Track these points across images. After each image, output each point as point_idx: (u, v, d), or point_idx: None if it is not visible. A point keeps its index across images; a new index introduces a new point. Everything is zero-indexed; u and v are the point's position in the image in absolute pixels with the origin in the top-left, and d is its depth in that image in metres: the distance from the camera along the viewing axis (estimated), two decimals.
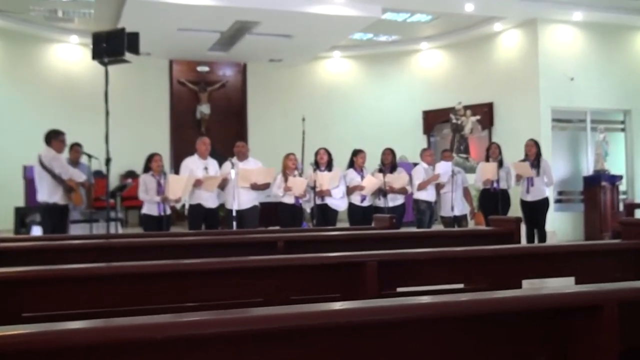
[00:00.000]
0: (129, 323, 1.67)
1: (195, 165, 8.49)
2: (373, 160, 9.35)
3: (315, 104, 15.76)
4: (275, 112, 15.80)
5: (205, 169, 8.50)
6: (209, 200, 8.41)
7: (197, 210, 8.38)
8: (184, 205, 8.84)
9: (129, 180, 10.75)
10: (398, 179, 8.95)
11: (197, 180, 8.25)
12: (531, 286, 3.76)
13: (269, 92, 15.95)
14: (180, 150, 14.11)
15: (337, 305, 1.85)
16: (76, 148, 8.94)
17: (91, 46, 7.90)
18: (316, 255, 3.36)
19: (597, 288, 2.12)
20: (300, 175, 9.01)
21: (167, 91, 15.56)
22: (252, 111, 15.98)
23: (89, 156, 8.49)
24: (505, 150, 9.97)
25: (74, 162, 8.78)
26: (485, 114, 14.45)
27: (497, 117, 14.35)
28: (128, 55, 7.86)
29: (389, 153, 9.09)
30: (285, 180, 8.64)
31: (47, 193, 7.89)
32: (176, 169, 10.99)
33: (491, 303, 2.01)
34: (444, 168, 9.06)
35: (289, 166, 8.75)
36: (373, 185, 8.81)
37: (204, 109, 15.72)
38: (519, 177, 9.07)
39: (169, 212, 8.16)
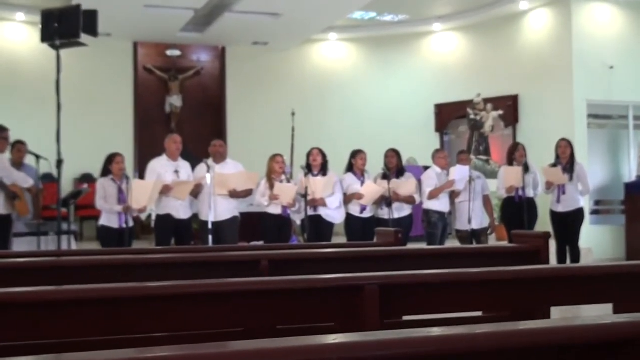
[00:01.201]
0: (83, 359, 1.67)
1: (163, 168, 8.48)
2: (375, 164, 9.37)
3: (308, 96, 15.79)
4: (260, 105, 15.82)
5: (176, 172, 8.50)
6: (179, 210, 8.41)
7: (166, 222, 8.37)
8: (150, 216, 8.83)
9: (85, 186, 10.71)
10: (405, 185, 8.97)
11: (165, 186, 8.25)
12: (562, 315, 3.77)
13: (252, 81, 15.96)
14: (146, 150, 14.11)
15: (332, 338, 1.85)
16: (19, 147, 8.74)
17: (40, 26, 7.89)
18: (307, 278, 3.36)
19: None
20: (289, 180, 9.02)
21: (130, 80, 15.56)
22: (232, 104, 16.00)
23: (37, 157, 8.42)
24: (532, 152, 10.01)
25: (17, 163, 8.66)
26: (509, 108, 14.51)
27: (523, 113, 14.41)
28: (84, 37, 7.85)
29: (393, 155, 9.11)
30: (271, 186, 8.65)
31: None
32: (141, 173, 10.99)
33: (515, 336, 2.02)
34: (460, 173, 9.08)
35: (275, 170, 8.76)
36: (375, 192, 8.83)
37: (175, 100, 15.74)
38: (549, 184, 9.10)
39: (132, 224, 8.14)
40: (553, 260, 8.12)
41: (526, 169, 9.19)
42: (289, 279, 3.33)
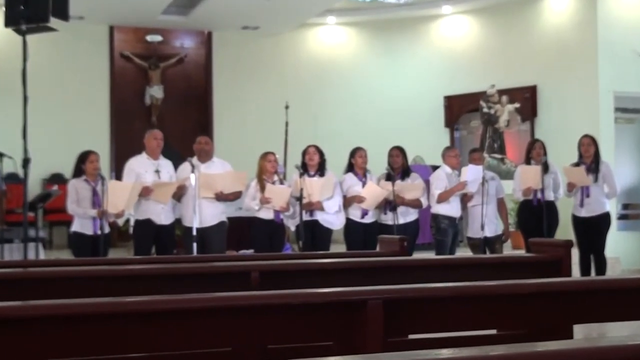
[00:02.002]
0: None
1: (143, 168, 8.49)
2: (378, 163, 9.37)
3: (303, 87, 15.79)
4: (250, 96, 15.82)
5: (157, 172, 8.50)
6: (161, 214, 8.41)
7: (146, 228, 8.37)
8: (128, 222, 8.82)
9: (55, 187, 10.70)
10: (411, 187, 8.98)
11: (145, 187, 8.25)
12: (586, 334, 3.78)
13: (241, 70, 15.97)
14: (124, 147, 14.10)
15: None
16: None
17: (4, 8, 7.87)
18: (303, 292, 3.36)
19: None
20: (282, 182, 9.02)
21: (106, 68, 15.55)
22: (219, 95, 16.00)
23: (0, 155, 8.46)
24: (553, 150, 10.00)
25: None
26: (527, 101, 14.52)
27: (542, 106, 14.43)
28: (54, 22, 7.83)
29: (398, 154, 9.11)
30: (262, 188, 8.65)
31: None
32: (118, 173, 10.98)
33: (533, 358, 2.02)
34: (472, 173, 9.08)
35: (267, 169, 8.76)
36: (378, 195, 8.84)
37: (156, 91, 15.74)
38: (571, 186, 9.09)
39: (107, 230, 8.14)
40: (576, 272, 8.10)
41: (545, 168, 9.18)
42: (283, 293, 3.32)
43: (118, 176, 10.02)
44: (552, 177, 9.29)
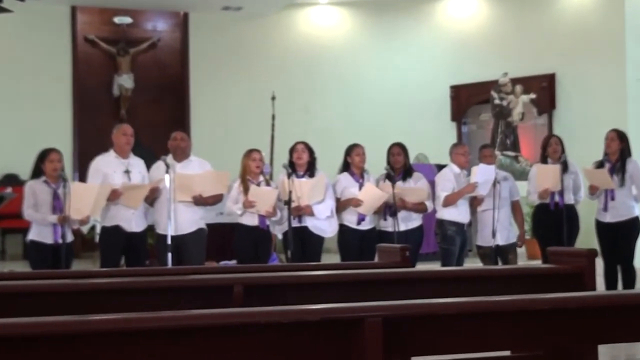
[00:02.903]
0: None
1: (111, 168, 8.46)
2: (377, 162, 9.36)
3: (292, 76, 15.80)
4: (232, 87, 15.84)
5: (127, 172, 8.47)
6: (131, 220, 8.39)
7: (114, 237, 8.35)
8: (93, 229, 8.81)
9: (9, 190, 10.69)
10: (414, 189, 8.97)
11: (113, 190, 8.21)
12: (612, 355, 3.79)
13: (221, 56, 15.98)
14: (89, 144, 14.09)
15: None
16: None
17: None
18: (292, 308, 3.37)
19: None
20: (268, 183, 9.01)
21: (68, 55, 15.54)
22: (197, 85, 16.01)
23: None
24: (573, 146, 10.03)
25: None
26: (544, 91, 14.57)
27: (562, 97, 14.47)
28: (7, 2, 7.83)
29: (399, 151, 9.10)
30: (245, 190, 8.65)
31: None
32: (82, 174, 10.96)
33: None
34: (483, 173, 9.08)
35: (251, 169, 8.76)
36: (376, 198, 8.83)
37: (125, 81, 15.75)
38: (594, 189, 9.10)
39: (70, 238, 8.11)
40: (600, 285, 8.09)
41: (564, 167, 9.17)
42: (270, 310, 3.33)
43: (82, 177, 10.00)
44: (572, 178, 9.27)
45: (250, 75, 15.77)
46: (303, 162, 8.84)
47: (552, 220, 9.10)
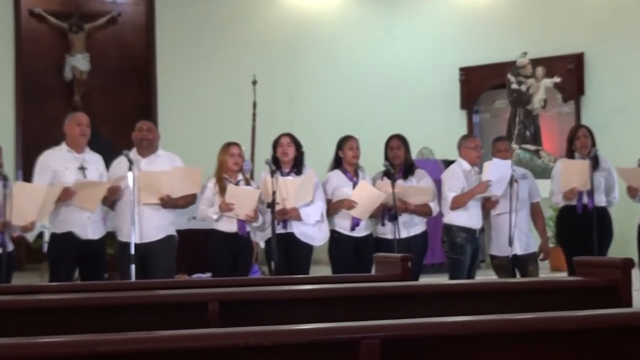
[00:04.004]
0: None
1: (62, 164, 8.43)
2: (374, 157, 9.38)
3: (275, 57, 15.80)
4: (206, 69, 15.81)
5: (82, 169, 8.45)
6: (86, 226, 8.37)
7: (66, 245, 8.32)
8: (41, 236, 8.78)
9: None
10: (417, 189, 8.99)
11: (65, 189, 8.18)
12: None
13: (193, 34, 15.95)
14: (35, 137, 14.05)
15: None
16: None
17: None
18: (276, 329, 3.37)
19: None
20: (248, 182, 9.02)
21: (10, 31, 15.48)
22: (165, 68, 15.98)
23: None
24: (604, 139, 10.02)
25: None
26: (570, 74, 14.57)
27: (591, 80, 14.48)
28: None
29: (399, 145, 9.10)
30: (222, 190, 8.65)
31: None
32: (27, 172, 10.91)
33: None
34: (497, 170, 9.09)
35: (228, 166, 8.75)
36: (373, 199, 8.84)
37: (79, 62, 15.72)
38: (633, 191, 9.10)
39: (11, 247, 8.08)
40: (638, 300, 8.09)
41: (595, 163, 9.19)
42: (250, 331, 3.33)
43: (27, 176, 9.95)
44: (604, 175, 9.27)
45: (227, 56, 15.75)
46: (289, 158, 8.84)
47: (579, 225, 9.09)
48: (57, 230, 8.36)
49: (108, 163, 8.73)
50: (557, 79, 14.52)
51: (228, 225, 8.66)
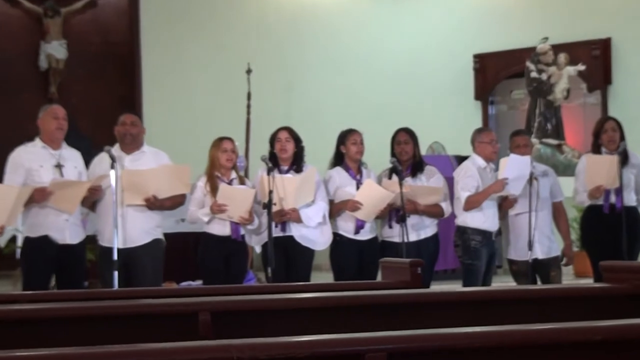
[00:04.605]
0: None
1: (37, 161, 8.42)
2: (379, 153, 9.38)
3: (272, 44, 15.79)
4: (196, 57, 15.80)
5: (58, 167, 8.45)
6: (64, 229, 8.38)
7: (42, 250, 8.33)
8: (14, 240, 8.78)
9: None
10: (427, 189, 8.99)
11: (40, 189, 8.17)
12: None
13: (182, 18, 15.94)
14: (6, 131, 14.04)
15: None
16: None
17: None
18: (274, 341, 3.37)
19: None
20: (243, 181, 9.02)
21: None
22: (151, 56, 15.97)
23: None
24: (633, 132, 10.00)
25: None
26: (596, 61, 14.56)
27: (619, 68, 14.48)
28: None
29: (407, 139, 9.08)
30: (214, 190, 8.65)
31: None
32: None
33: None
34: (515, 167, 9.09)
35: (221, 163, 8.75)
36: (379, 199, 8.83)
37: (55, 50, 15.71)
38: None
39: None
40: None
41: (624, 159, 9.17)
42: (245, 343, 3.34)
43: None
44: (634, 172, 9.25)
45: (218, 42, 15.73)
46: (287, 154, 8.84)
47: (606, 227, 9.09)
48: (31, 234, 8.36)
49: (88, 160, 8.73)
50: (581, 67, 14.51)
51: (220, 228, 8.67)
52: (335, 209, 8.94)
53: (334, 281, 8.63)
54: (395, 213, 8.84)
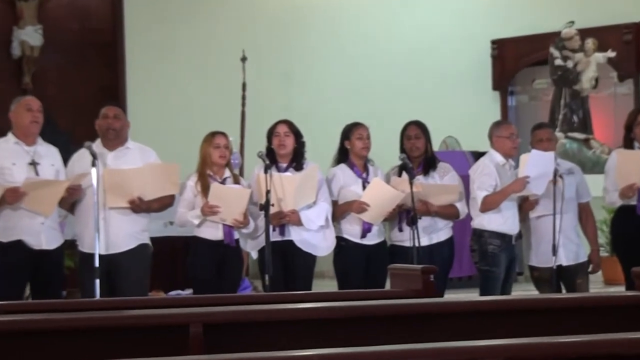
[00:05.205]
0: None
1: (9, 159, 8.43)
2: (388, 149, 9.40)
3: (269, 29, 15.80)
4: (185, 44, 15.81)
5: (33, 165, 8.45)
6: (40, 234, 8.38)
7: (15, 257, 8.33)
8: None
9: None
10: (440, 188, 9.00)
11: (12, 190, 8.17)
12: None
13: (170, 1, 15.95)
14: None
15: None
16: None
17: None
18: (272, 355, 3.38)
19: None
20: (237, 180, 9.03)
21: None
22: (135, 43, 15.98)
23: None
24: None
25: None
26: (627, 47, 14.56)
27: None
28: None
29: (418, 134, 9.09)
30: (205, 190, 8.65)
31: None
32: None
33: None
34: (538, 164, 9.09)
35: (213, 160, 8.75)
36: (387, 200, 8.84)
37: (29, 36, 15.71)
38: None
39: None
40: None
41: None
42: (239, 358, 3.34)
43: None
44: None
45: (211, 28, 15.75)
46: (286, 150, 8.85)
47: (639, 230, 9.10)
48: (3, 238, 8.34)
49: (66, 157, 8.72)
50: (611, 54, 14.51)
51: (212, 232, 8.68)
52: (339, 211, 8.94)
53: (337, 290, 8.63)
54: (406, 215, 8.84)
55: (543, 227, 9.07)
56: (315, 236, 8.82)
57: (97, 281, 8.18)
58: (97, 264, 8.20)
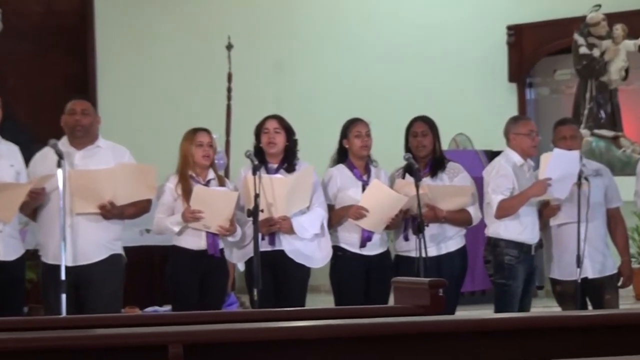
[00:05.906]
0: None
1: None
2: (391, 148, 9.40)
3: (257, 13, 15.83)
4: (163, 31, 15.84)
5: None
6: None
7: None
8: None
9: None
10: (451, 191, 9.01)
11: None
12: None
13: None
14: None
15: None
16: None
17: None
18: None
19: None
20: (222, 182, 9.04)
21: None
22: (106, 29, 16.00)
23: None
24: None
25: None
26: None
27: None
28: None
29: (425, 131, 9.12)
30: (186, 194, 8.66)
31: None
32: None
33: None
34: (560, 165, 9.11)
35: (195, 160, 8.78)
36: (390, 204, 8.86)
37: None
38: None
39: None
40: None
41: None
42: None
43: None
44: None
45: (192, 12, 15.78)
46: (277, 149, 8.87)
47: None
48: None
49: (28, 157, 8.72)
50: None
51: (194, 241, 8.70)
52: (336, 217, 8.96)
53: (334, 306, 8.64)
54: (412, 221, 8.85)
55: (566, 236, 9.08)
56: (309, 246, 8.83)
57: (64, 296, 8.19)
58: (63, 276, 8.20)
